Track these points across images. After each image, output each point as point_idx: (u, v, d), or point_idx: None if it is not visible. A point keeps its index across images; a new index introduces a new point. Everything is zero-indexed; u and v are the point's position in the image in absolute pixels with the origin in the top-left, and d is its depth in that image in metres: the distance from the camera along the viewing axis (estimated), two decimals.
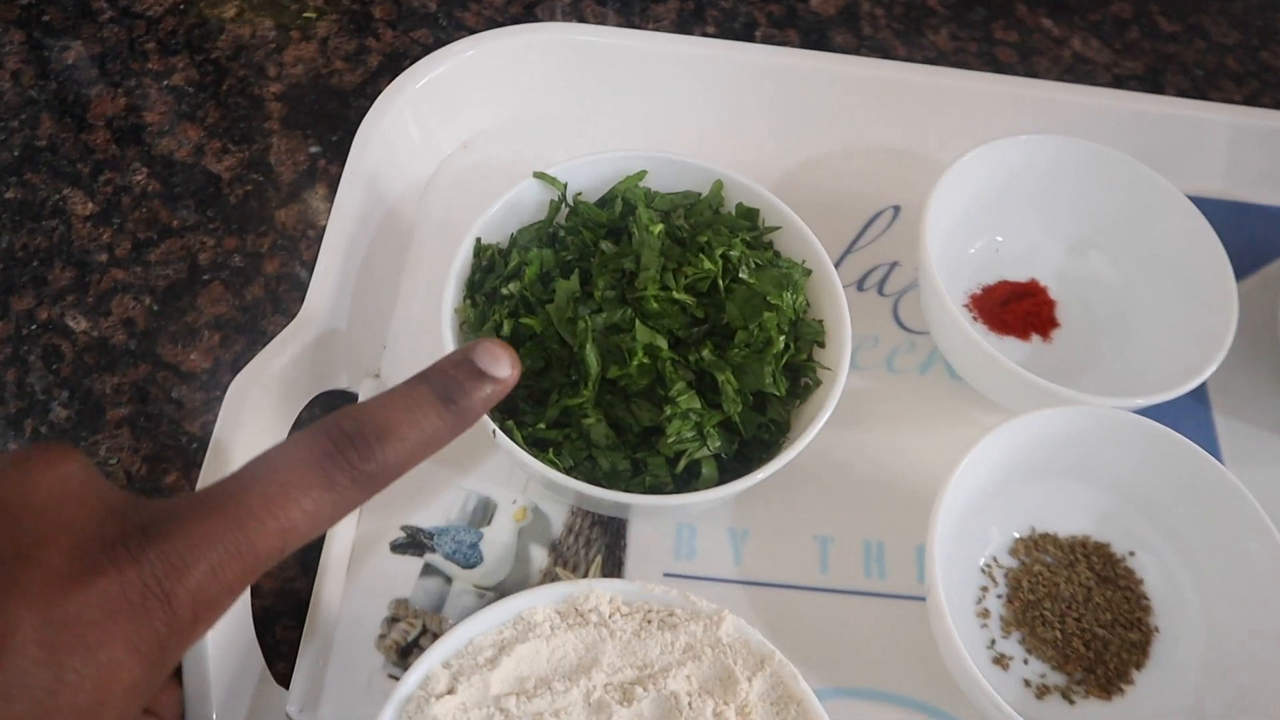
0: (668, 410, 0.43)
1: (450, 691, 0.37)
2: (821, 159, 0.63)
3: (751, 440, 0.45)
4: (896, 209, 0.62)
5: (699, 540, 0.50)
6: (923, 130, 0.63)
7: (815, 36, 0.70)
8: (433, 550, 0.49)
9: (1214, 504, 0.48)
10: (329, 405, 0.52)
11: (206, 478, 0.43)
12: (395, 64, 0.65)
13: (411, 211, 0.58)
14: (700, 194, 0.51)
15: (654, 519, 0.50)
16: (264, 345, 0.47)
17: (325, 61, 0.66)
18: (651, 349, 0.44)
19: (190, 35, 0.66)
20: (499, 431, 0.43)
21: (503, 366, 0.38)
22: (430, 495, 0.50)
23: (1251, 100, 0.71)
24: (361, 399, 0.51)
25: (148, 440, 0.52)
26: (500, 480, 0.51)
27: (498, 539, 0.49)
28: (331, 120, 0.63)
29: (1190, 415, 0.56)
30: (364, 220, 0.54)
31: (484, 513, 0.50)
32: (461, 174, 0.60)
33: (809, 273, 0.49)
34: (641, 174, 0.51)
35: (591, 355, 0.43)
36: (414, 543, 0.49)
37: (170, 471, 0.51)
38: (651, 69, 0.62)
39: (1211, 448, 0.55)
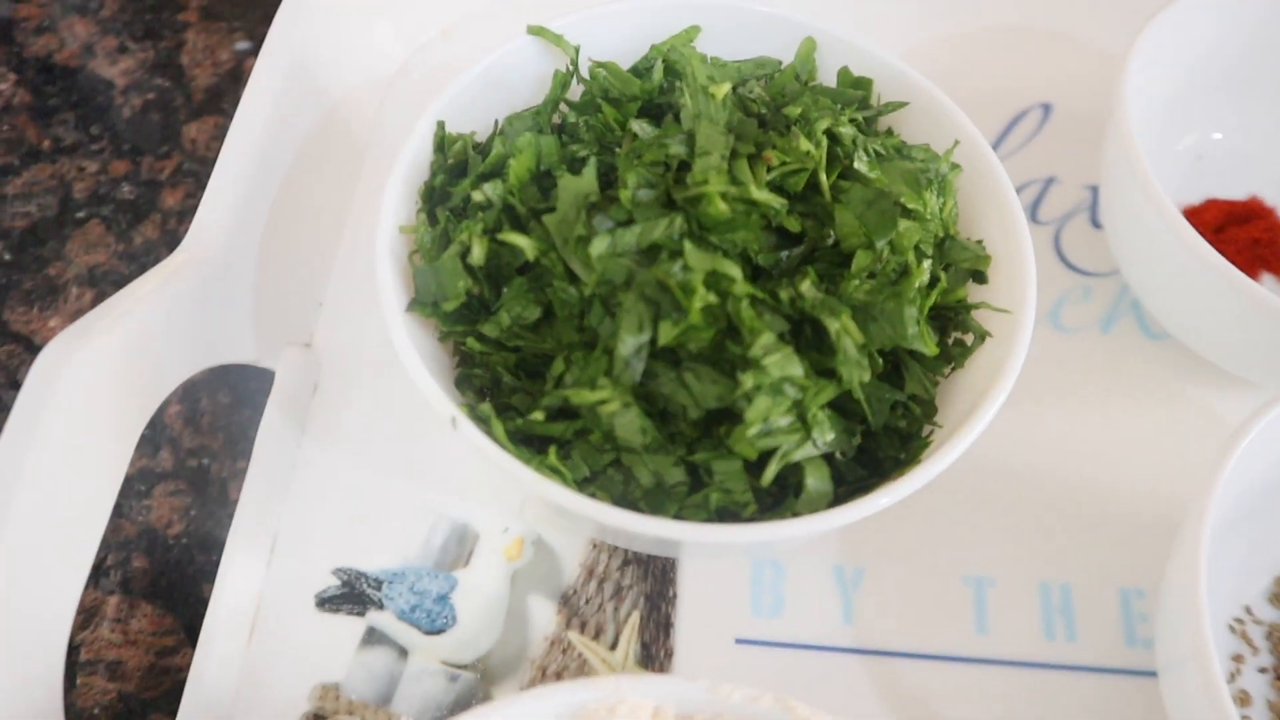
0: (747, 381, 0.25)
1: None
2: (949, 43, 0.45)
3: (881, 431, 0.28)
4: (1047, 107, 0.44)
5: (787, 586, 0.33)
6: (1082, 6, 0.45)
7: None
8: (380, 606, 0.32)
9: None
10: (224, 384, 0.35)
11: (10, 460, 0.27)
12: None
13: (366, 121, 0.41)
14: (781, 62, 0.34)
15: (719, 555, 0.32)
16: None
17: None
18: (717, 282, 0.26)
19: None
20: (460, 420, 0.26)
21: None
22: (380, 521, 0.33)
23: None
24: (279, 379, 0.35)
25: None
26: (484, 499, 0.33)
27: (480, 588, 0.32)
28: (268, 6, 0.46)
29: None
30: (288, 127, 0.38)
31: (460, 548, 0.33)
32: (439, 71, 0.43)
33: (958, 168, 0.31)
34: (694, 30, 0.34)
35: (629, 303, 0.26)
36: (352, 594, 0.32)
37: None
38: None
39: None
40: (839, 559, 0.33)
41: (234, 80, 0.45)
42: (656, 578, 0.32)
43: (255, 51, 0.45)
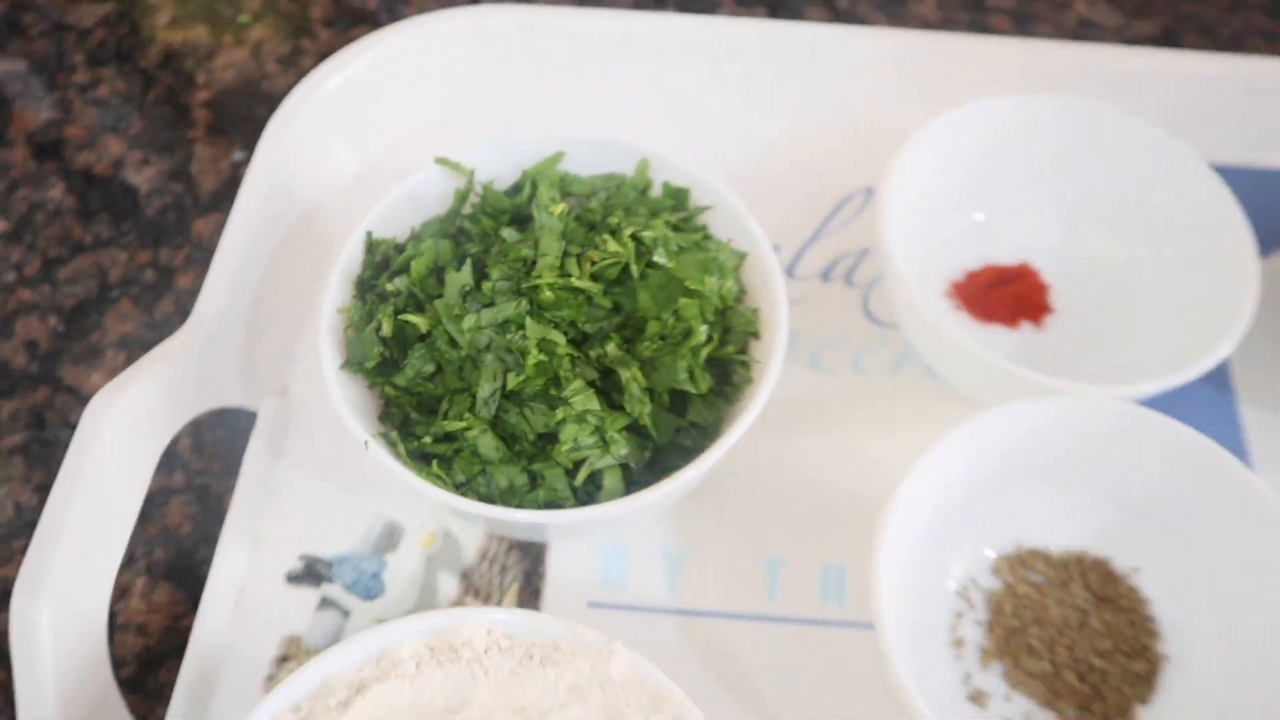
0: (559, 413, 0.37)
1: None
2: (787, 139, 0.57)
3: (668, 447, 0.39)
4: (869, 191, 0.55)
5: (629, 565, 0.44)
6: (901, 104, 0.56)
7: (786, 15, 0.64)
8: (330, 581, 0.44)
9: (1237, 512, 0.41)
10: (221, 423, 0.47)
11: (62, 492, 0.39)
12: None
13: (333, 218, 0.54)
14: (626, 175, 0.46)
15: (577, 542, 0.44)
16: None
17: (257, 65, 0.62)
18: (547, 345, 0.38)
19: (120, 45, 0.63)
20: (371, 443, 0.38)
21: None
22: (333, 521, 0.45)
23: None
24: (261, 418, 0.47)
25: (40, 469, 0.48)
26: (410, 503, 0.45)
27: (403, 567, 0.44)
28: (259, 126, 0.59)
29: (1210, 408, 0.49)
30: (271, 225, 0.50)
31: (389, 539, 0.45)
32: (387, 177, 0.55)
33: (743, 256, 0.43)
34: (558, 156, 0.46)
35: (488, 362, 0.38)
36: (311, 573, 0.44)
37: None
38: (600, 51, 0.57)
39: (1236, 447, 0.48)
40: (668, 546, 0.45)
41: (232, 185, 0.57)
42: (532, 559, 0.44)
43: (248, 161, 0.58)
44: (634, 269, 0.40)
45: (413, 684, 0.34)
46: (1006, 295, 0.51)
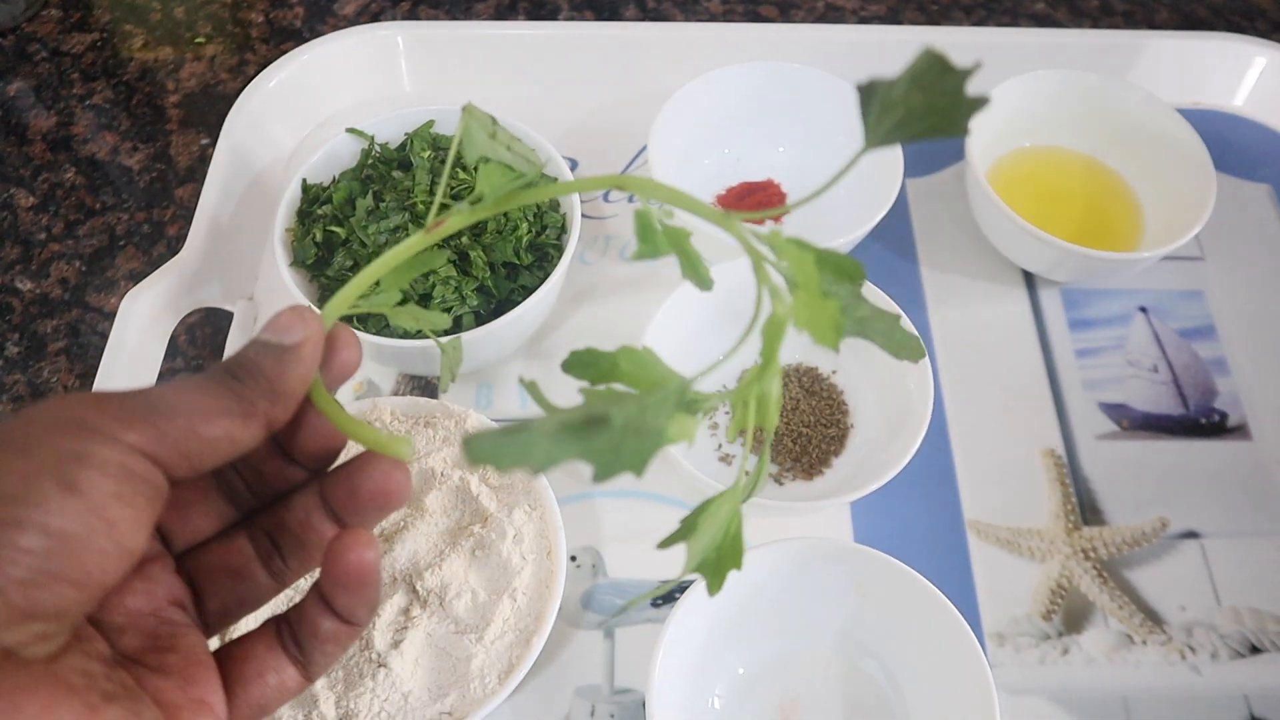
0: (432, 279, 0.59)
1: None
2: (608, 106, 0.79)
3: (505, 300, 0.61)
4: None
5: (494, 395, 0.66)
6: (684, 76, 0.78)
7: (608, 14, 0.86)
8: None
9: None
10: (208, 320, 0.68)
11: (106, 370, 0.60)
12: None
13: (276, 179, 0.75)
14: None
15: (461, 383, 0.66)
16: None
17: (213, 74, 0.83)
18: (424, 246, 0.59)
19: (106, 64, 0.83)
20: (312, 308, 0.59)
21: (292, 332, 0.32)
22: None
23: (979, 24, 0.87)
24: (236, 316, 0.68)
25: (79, 362, 0.69)
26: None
27: None
28: (219, 118, 0.80)
29: (901, 271, 0.71)
30: (232, 186, 0.71)
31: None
32: (315, 145, 0.76)
33: (555, 179, 0.65)
34: (430, 123, 0.67)
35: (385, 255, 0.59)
36: None
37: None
38: (464, 50, 0.78)
39: (918, 296, 0.70)
40: (522, 374, 0.66)
41: (203, 162, 0.78)
42: (428, 393, 0.65)
43: (214, 144, 0.79)
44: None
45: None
46: (753, 201, 0.73)
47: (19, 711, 0.25)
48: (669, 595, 0.58)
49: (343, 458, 0.34)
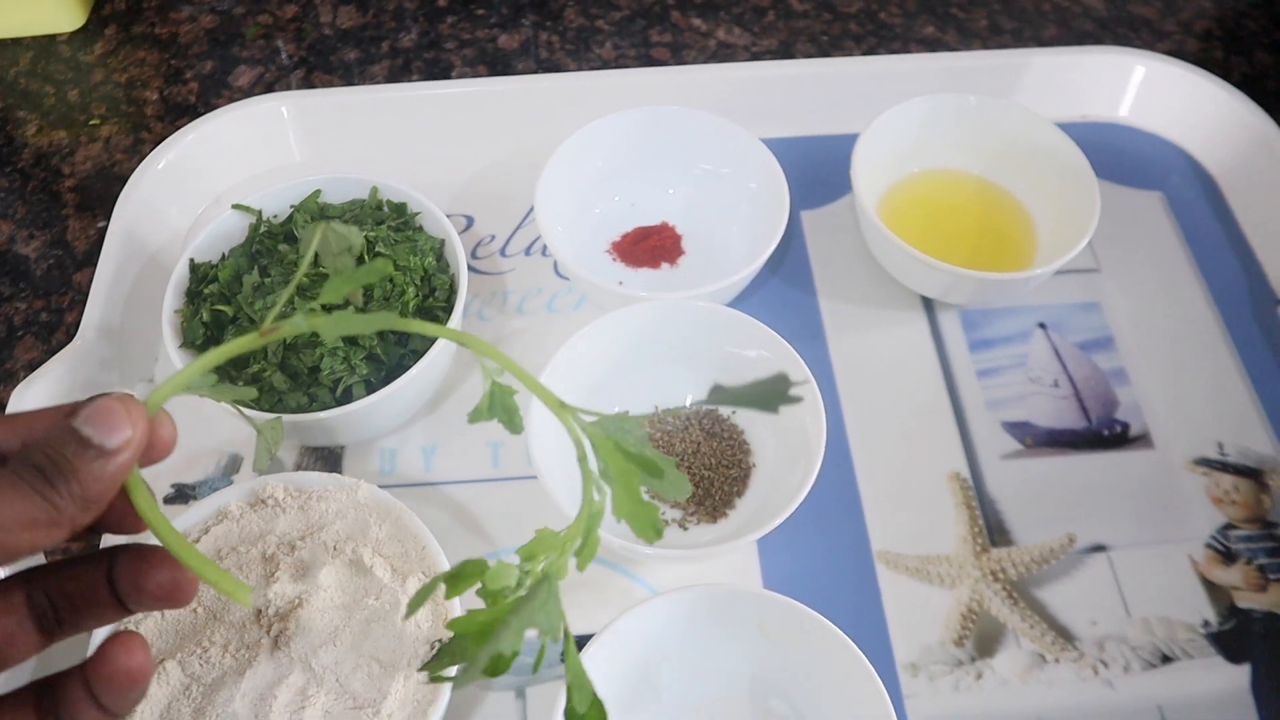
0: (319, 351, 0.58)
1: None
2: (501, 163, 0.79)
3: (397, 366, 0.61)
4: None
5: (398, 460, 0.65)
6: (570, 129, 0.79)
7: (501, 68, 0.86)
8: (196, 498, 0.64)
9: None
10: None
11: None
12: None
13: (171, 257, 0.74)
14: (364, 199, 0.68)
15: (365, 447, 0.65)
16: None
17: (109, 156, 0.82)
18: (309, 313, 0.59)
19: (0, 153, 0.83)
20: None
21: (115, 432, 0.30)
22: (194, 458, 0.66)
23: (870, 53, 0.88)
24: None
25: None
26: (247, 440, 0.66)
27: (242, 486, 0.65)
28: (114, 200, 0.80)
29: (801, 305, 0.72)
30: (128, 266, 0.71)
31: (234, 465, 0.65)
32: (209, 223, 0.76)
33: (441, 242, 0.65)
34: (316, 193, 0.67)
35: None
36: (180, 495, 0.64)
37: None
38: (355, 114, 0.79)
39: (817, 326, 0.71)
40: (424, 442, 0.66)
41: (99, 244, 0.77)
42: (332, 464, 0.65)
43: (109, 226, 0.78)
44: (367, 258, 0.62)
45: (238, 524, 0.55)
46: (648, 246, 0.73)
47: None
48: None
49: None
